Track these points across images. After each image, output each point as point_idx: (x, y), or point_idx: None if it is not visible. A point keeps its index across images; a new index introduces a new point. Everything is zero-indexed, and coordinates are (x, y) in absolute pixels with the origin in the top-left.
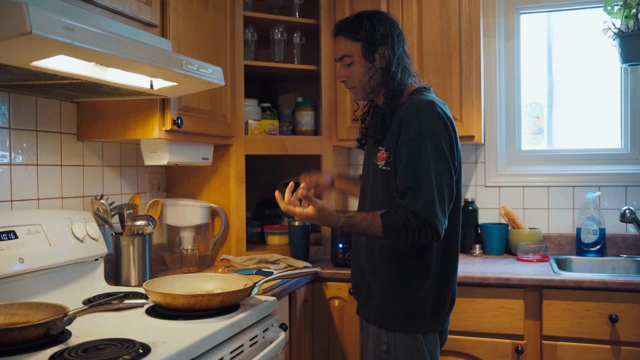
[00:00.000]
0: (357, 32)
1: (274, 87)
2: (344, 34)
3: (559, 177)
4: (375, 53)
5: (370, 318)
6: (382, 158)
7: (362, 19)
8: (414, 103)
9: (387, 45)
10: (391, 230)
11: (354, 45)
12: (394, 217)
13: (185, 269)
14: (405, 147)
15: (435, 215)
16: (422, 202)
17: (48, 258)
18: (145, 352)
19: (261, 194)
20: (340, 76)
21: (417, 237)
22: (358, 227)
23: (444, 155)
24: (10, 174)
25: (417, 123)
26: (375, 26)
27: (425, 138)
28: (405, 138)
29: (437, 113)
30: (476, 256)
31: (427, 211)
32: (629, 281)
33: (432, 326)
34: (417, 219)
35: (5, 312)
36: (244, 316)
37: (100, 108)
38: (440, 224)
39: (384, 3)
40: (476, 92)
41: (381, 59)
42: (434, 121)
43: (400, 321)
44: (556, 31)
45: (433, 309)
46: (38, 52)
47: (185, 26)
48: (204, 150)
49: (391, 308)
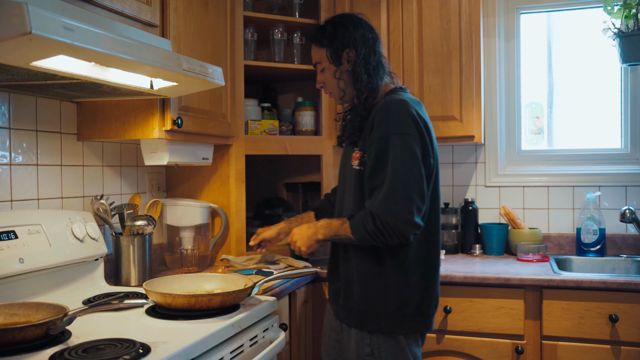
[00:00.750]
0: (321, 39)
1: (274, 87)
2: (313, 42)
3: (559, 177)
4: (341, 57)
5: (352, 321)
6: (356, 158)
7: (326, 25)
8: (385, 102)
9: (351, 47)
10: (358, 233)
11: (321, 52)
12: (356, 220)
13: (185, 269)
14: (373, 146)
15: (393, 213)
16: (379, 202)
17: (48, 258)
18: (145, 352)
19: (261, 194)
20: (318, 82)
21: (379, 237)
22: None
23: (412, 154)
24: (10, 174)
25: (385, 122)
26: (337, 30)
27: (392, 136)
28: (374, 137)
29: (409, 112)
30: (476, 256)
31: (383, 210)
32: (629, 281)
33: (415, 328)
34: (373, 218)
35: (5, 312)
36: (244, 316)
37: (100, 108)
38: (403, 222)
39: (383, 3)
40: (476, 92)
41: (348, 62)
42: (403, 120)
43: (382, 323)
44: (556, 31)
45: (417, 311)
46: (38, 52)
47: (185, 26)
48: (204, 150)
49: (372, 310)
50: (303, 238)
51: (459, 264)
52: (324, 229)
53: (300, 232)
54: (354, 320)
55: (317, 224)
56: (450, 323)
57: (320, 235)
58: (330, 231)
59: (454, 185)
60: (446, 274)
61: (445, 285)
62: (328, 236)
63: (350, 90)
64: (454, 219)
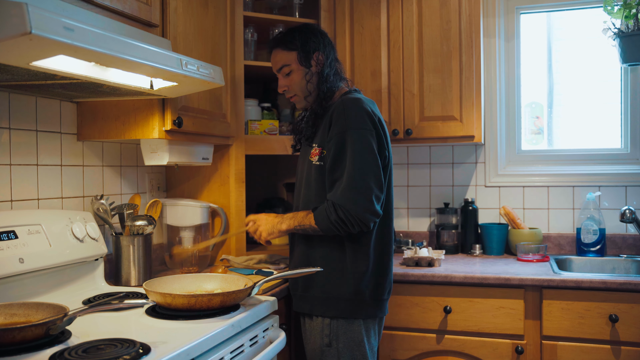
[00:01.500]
0: (291, 43)
1: (274, 87)
2: (279, 47)
3: (559, 177)
4: (311, 59)
5: (313, 309)
6: (315, 154)
7: (294, 31)
8: (342, 101)
9: (320, 50)
10: (322, 223)
11: (291, 55)
12: (320, 211)
13: (185, 269)
14: (333, 141)
15: (354, 202)
16: (341, 192)
17: (48, 258)
18: (145, 352)
19: (261, 194)
20: (281, 86)
21: (342, 226)
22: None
23: (369, 147)
24: (10, 174)
25: (343, 118)
26: (307, 36)
27: (350, 131)
28: (333, 132)
29: (364, 109)
30: (476, 256)
31: (346, 200)
32: (629, 281)
33: (372, 312)
34: (335, 208)
35: (5, 312)
36: (244, 316)
37: (100, 108)
38: (363, 210)
39: (383, 3)
40: (476, 92)
41: (317, 64)
42: (359, 116)
43: (342, 308)
44: (556, 31)
45: (372, 296)
46: (38, 52)
47: (185, 26)
48: (204, 150)
49: (332, 296)
50: (267, 225)
51: (459, 264)
52: (289, 219)
53: (266, 219)
54: (315, 308)
55: (284, 215)
56: (450, 323)
57: (285, 225)
58: (294, 222)
59: (454, 185)
60: (446, 274)
61: (445, 285)
62: (292, 226)
63: (315, 92)
64: (454, 219)
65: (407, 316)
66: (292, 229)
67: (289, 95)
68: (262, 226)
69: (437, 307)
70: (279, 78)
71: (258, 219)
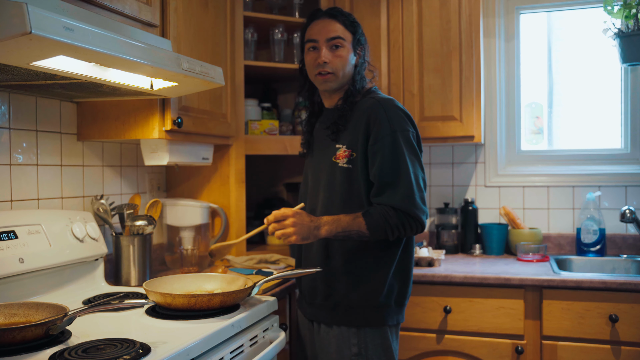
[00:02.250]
0: (352, 24)
1: (274, 87)
2: (338, 19)
3: (559, 177)
4: (358, 49)
5: (336, 319)
6: (343, 156)
7: (352, 16)
8: (378, 101)
9: (364, 46)
10: (375, 228)
11: (347, 34)
12: (374, 215)
13: (185, 269)
14: (379, 144)
15: (415, 206)
16: (400, 196)
17: (48, 258)
18: (145, 352)
19: (261, 194)
20: (325, 56)
21: (401, 230)
22: (346, 231)
23: (414, 149)
24: (10, 174)
25: (386, 120)
26: (359, 25)
27: (397, 134)
28: (378, 135)
29: (401, 109)
30: (476, 256)
31: (407, 204)
32: (629, 281)
33: (396, 319)
34: (396, 212)
35: (5, 312)
36: (244, 316)
37: (100, 108)
38: (422, 213)
39: (383, 3)
40: (476, 92)
41: (359, 56)
42: (400, 117)
43: (369, 317)
44: (556, 31)
45: (396, 301)
46: (38, 52)
47: (185, 26)
48: (204, 150)
49: (358, 304)
50: (302, 228)
51: (459, 264)
52: (330, 224)
53: (301, 221)
54: (337, 318)
55: (320, 218)
56: (450, 323)
57: (324, 230)
58: (337, 227)
59: (454, 185)
60: (446, 274)
61: (445, 285)
62: (333, 232)
63: (348, 81)
64: (454, 219)
65: (407, 316)
66: (333, 235)
67: (325, 70)
68: (295, 229)
69: (437, 307)
70: (323, 48)
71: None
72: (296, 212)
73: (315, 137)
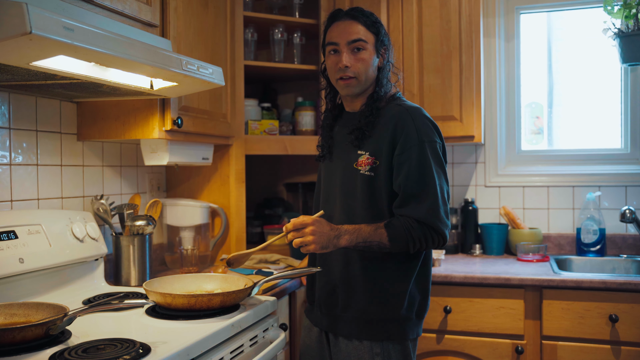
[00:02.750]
0: (373, 24)
1: (274, 87)
2: (360, 21)
3: (559, 177)
4: (381, 50)
5: (355, 332)
6: (365, 163)
7: (375, 16)
8: (405, 109)
9: (388, 47)
10: (397, 240)
11: (369, 35)
12: (397, 226)
13: (185, 269)
14: (406, 155)
15: (439, 219)
16: (425, 209)
17: (48, 258)
18: (145, 352)
19: (261, 194)
20: (347, 59)
21: (423, 243)
22: (367, 242)
23: (441, 161)
24: (10, 174)
25: (414, 129)
26: (382, 25)
27: (424, 144)
28: (405, 145)
29: (429, 119)
30: (476, 256)
31: (431, 217)
32: (629, 281)
33: (416, 332)
34: (420, 225)
35: (5, 312)
36: (244, 316)
37: (100, 108)
38: (445, 227)
39: (383, 3)
40: (476, 92)
41: (382, 58)
42: (428, 127)
43: (391, 330)
44: (556, 31)
45: (417, 314)
46: (38, 52)
47: (185, 26)
48: (204, 150)
49: (379, 317)
50: (321, 237)
51: (459, 264)
52: (350, 234)
53: (320, 230)
54: (358, 332)
55: (341, 227)
56: (450, 323)
57: (344, 240)
58: (358, 237)
59: (454, 185)
60: (446, 274)
61: (445, 285)
62: (353, 243)
63: (371, 85)
64: (454, 219)
65: None
66: (353, 245)
67: (347, 74)
68: (314, 237)
69: (437, 307)
70: (345, 51)
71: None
72: (315, 220)
73: (334, 140)
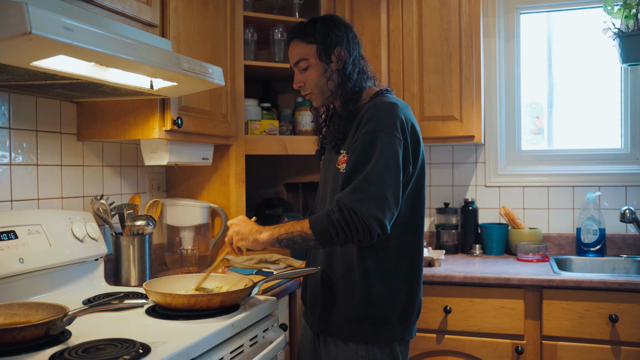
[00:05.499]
0: (311, 35)
1: (274, 87)
2: (298, 38)
3: (559, 177)
4: (332, 55)
5: (336, 333)
6: (343, 161)
7: (316, 22)
8: (374, 104)
9: (343, 46)
10: (317, 226)
11: (309, 48)
12: (319, 214)
13: (185, 269)
14: (359, 142)
15: (365, 205)
16: (350, 191)
17: (48, 258)
18: (145, 352)
19: (261, 194)
20: (297, 82)
21: (345, 230)
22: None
23: (395, 157)
24: (10, 174)
25: (374, 120)
26: (329, 28)
27: (379, 134)
28: (360, 133)
29: (397, 115)
30: (476, 256)
31: (354, 200)
32: (629, 281)
33: (402, 335)
34: (340, 208)
35: (5, 312)
36: (244, 316)
37: (100, 108)
38: (371, 217)
39: (383, 3)
40: (476, 92)
41: (338, 61)
42: (391, 121)
43: (372, 332)
44: (556, 31)
45: (400, 317)
46: (38, 52)
47: (185, 26)
48: (204, 150)
49: (358, 319)
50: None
51: (459, 264)
52: (272, 228)
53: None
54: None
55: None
56: (450, 323)
57: (266, 234)
58: (280, 230)
59: (454, 185)
60: (446, 274)
61: (445, 285)
62: (275, 236)
63: (337, 91)
64: (454, 219)
65: None
66: (274, 239)
67: (304, 92)
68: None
69: (437, 307)
70: (295, 73)
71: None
72: (239, 218)
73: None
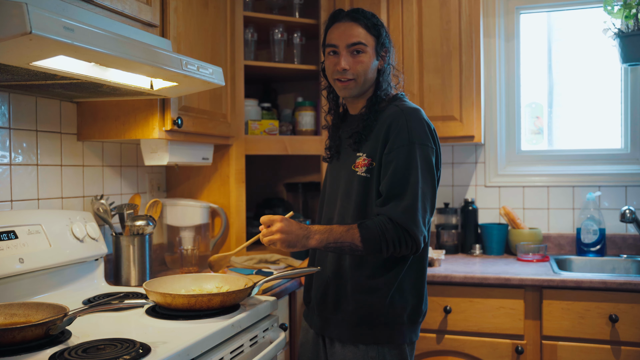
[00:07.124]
0: (375, 27)
1: (274, 87)
2: (360, 23)
3: (559, 177)
4: (381, 52)
5: (344, 335)
6: (362, 165)
7: (376, 18)
8: (401, 110)
9: (389, 49)
10: (369, 240)
11: (369, 38)
12: (371, 227)
13: (185, 269)
14: (394, 154)
15: (415, 224)
16: (403, 210)
17: (48, 258)
18: (145, 352)
19: (261, 194)
20: (346, 62)
21: (396, 246)
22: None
23: (431, 167)
24: (10, 174)
25: (406, 130)
26: (384, 27)
27: (414, 146)
28: (394, 145)
29: (425, 122)
30: (476, 256)
31: (408, 219)
32: (629, 281)
33: (410, 336)
34: (395, 226)
35: (5, 312)
36: (244, 316)
37: (100, 108)
38: (420, 233)
39: (383, 3)
40: (476, 92)
41: (382, 60)
42: (422, 130)
43: (382, 334)
44: (556, 31)
45: (409, 318)
46: (38, 52)
47: (185, 26)
48: (204, 150)
49: (368, 320)
50: (289, 235)
51: (459, 264)
52: (321, 234)
53: (288, 228)
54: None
55: (311, 227)
56: (450, 323)
57: (314, 240)
58: (329, 237)
59: (454, 185)
60: (446, 274)
61: (445, 285)
62: (324, 242)
63: (371, 87)
64: (454, 219)
65: None
66: (324, 246)
67: (345, 76)
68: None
69: (437, 307)
70: (344, 54)
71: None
72: (284, 218)
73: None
